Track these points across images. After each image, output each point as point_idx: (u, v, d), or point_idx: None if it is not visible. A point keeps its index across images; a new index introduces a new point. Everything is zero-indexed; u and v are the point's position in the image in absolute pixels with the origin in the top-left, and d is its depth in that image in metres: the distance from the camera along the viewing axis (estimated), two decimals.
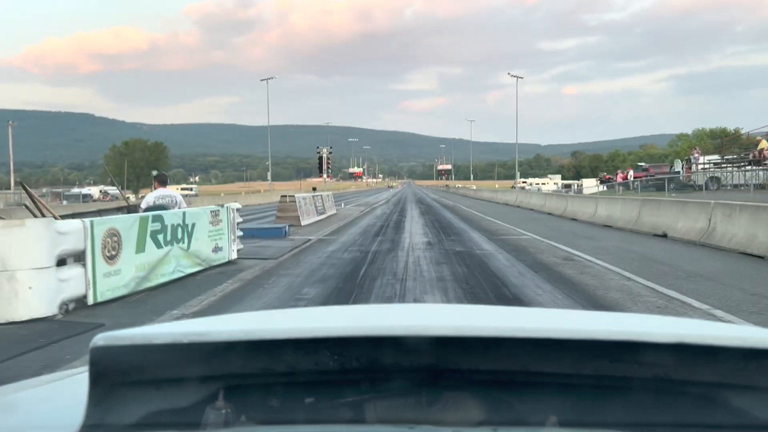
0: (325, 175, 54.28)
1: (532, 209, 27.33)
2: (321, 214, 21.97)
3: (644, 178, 32.91)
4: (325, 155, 56.34)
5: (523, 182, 67.34)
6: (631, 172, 35.70)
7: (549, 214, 23.49)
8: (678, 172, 31.90)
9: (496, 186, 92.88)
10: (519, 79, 49.57)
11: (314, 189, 44.82)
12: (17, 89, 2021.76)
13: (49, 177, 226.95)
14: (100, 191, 63.32)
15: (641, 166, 39.69)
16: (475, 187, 73.55)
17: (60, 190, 62.16)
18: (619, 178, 34.94)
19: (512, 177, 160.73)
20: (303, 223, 18.47)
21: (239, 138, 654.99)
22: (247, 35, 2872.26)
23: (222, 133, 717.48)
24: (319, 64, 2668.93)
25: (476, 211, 27.51)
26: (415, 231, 16.44)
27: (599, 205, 18.45)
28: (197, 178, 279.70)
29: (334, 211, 25.17)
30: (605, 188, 38.67)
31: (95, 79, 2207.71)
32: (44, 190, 53.02)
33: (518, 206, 30.34)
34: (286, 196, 19.52)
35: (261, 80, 50.74)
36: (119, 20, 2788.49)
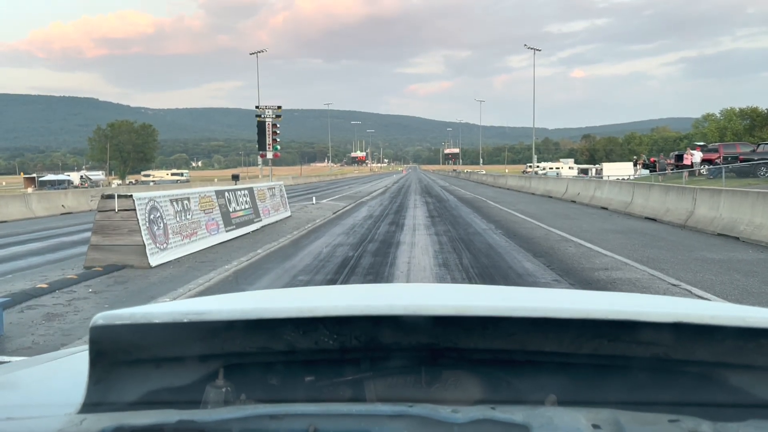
0: (270, 154, 36.70)
1: (605, 207, 17.88)
2: (243, 225, 13.29)
3: (718, 162, 26.56)
4: (269, 122, 35.95)
5: (538, 166, 62.23)
6: (699, 153, 28.80)
7: (651, 219, 14.46)
8: None
9: (506, 171, 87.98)
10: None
11: (235, 178, 31.60)
12: (22, 74, 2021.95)
13: (48, 162, 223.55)
14: (81, 177, 59.86)
15: (704, 145, 33.01)
16: (484, 172, 68.55)
17: (34, 175, 58.17)
18: (687, 161, 28.56)
19: (520, 161, 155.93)
20: (156, 260, 8.97)
21: (244, 122, 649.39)
22: (253, 19, 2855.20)
23: (226, 117, 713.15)
24: (324, 48, 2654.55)
25: (518, 212, 17.98)
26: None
27: None
28: (199, 163, 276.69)
29: (287, 214, 17.40)
30: (647, 174, 32.77)
31: (100, 64, 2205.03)
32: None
33: (573, 201, 21.90)
34: (111, 197, 9.13)
35: (250, 54, 45.59)
36: (125, 4, 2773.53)
